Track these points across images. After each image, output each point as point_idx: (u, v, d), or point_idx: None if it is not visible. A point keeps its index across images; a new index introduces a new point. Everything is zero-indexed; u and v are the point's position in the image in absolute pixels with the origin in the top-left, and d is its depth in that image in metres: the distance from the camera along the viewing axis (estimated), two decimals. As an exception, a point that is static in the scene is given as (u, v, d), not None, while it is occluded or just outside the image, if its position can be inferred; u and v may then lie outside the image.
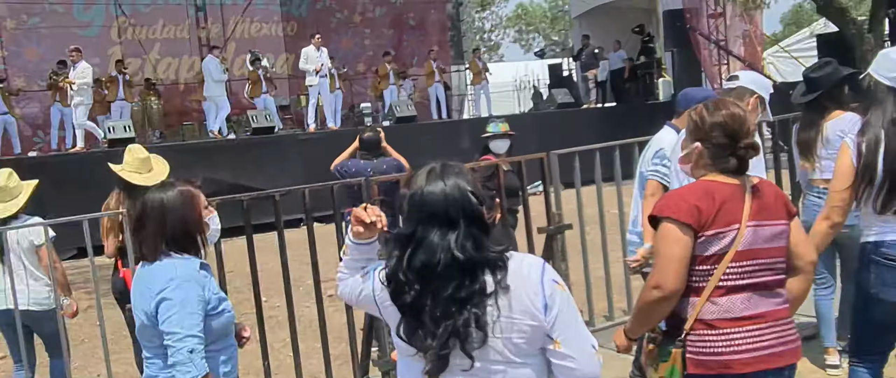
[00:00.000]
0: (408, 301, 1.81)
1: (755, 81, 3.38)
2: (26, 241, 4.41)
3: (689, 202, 2.31)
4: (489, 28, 46.91)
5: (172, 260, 2.49)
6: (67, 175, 10.65)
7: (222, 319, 2.55)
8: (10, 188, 4.39)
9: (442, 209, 1.80)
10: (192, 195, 2.58)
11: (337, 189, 4.56)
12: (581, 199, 5.35)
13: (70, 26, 16.17)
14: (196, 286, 2.45)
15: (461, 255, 1.77)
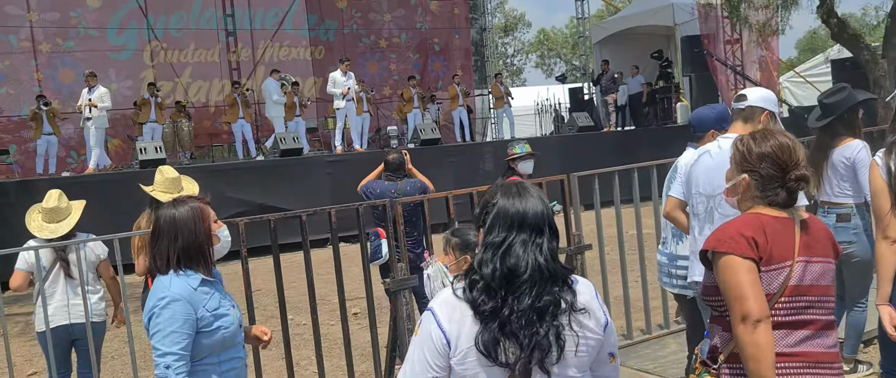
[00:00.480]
0: (490, 307, 1.88)
1: (763, 98, 3.41)
2: (93, 255, 4.62)
3: (746, 235, 2.20)
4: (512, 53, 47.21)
5: (170, 277, 2.62)
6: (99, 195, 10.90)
7: (215, 337, 2.64)
8: (62, 208, 4.57)
9: (533, 220, 1.93)
10: (202, 210, 2.73)
11: (362, 210, 4.65)
12: (600, 220, 5.44)
13: (104, 50, 16.60)
14: (185, 306, 2.56)
15: (542, 262, 1.89)
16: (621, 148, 14.88)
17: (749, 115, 3.36)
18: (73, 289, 4.49)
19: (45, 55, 16.05)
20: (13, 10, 15.77)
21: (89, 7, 16.44)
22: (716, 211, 3.32)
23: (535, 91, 22.56)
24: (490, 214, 1.96)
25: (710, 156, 3.39)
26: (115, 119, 16.12)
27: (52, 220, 4.53)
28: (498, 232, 1.93)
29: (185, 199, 2.76)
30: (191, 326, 2.57)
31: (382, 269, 5.57)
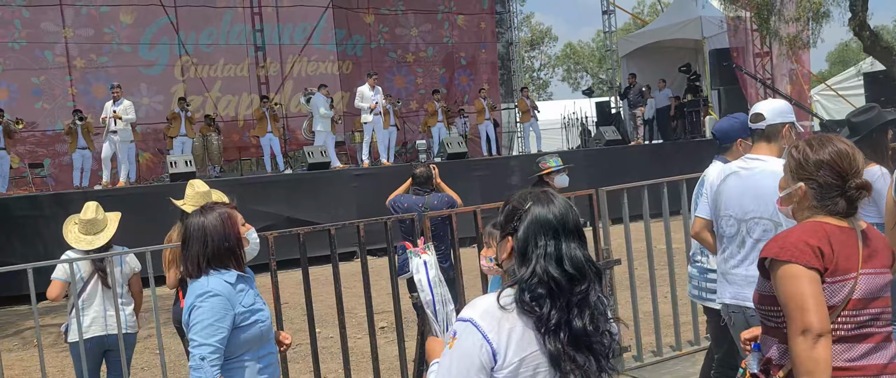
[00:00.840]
0: (557, 318, 1.84)
1: (780, 112, 3.35)
2: (128, 268, 4.70)
3: (812, 244, 2.12)
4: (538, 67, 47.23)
5: (208, 277, 2.72)
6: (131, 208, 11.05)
7: (253, 331, 2.74)
8: (99, 220, 4.64)
9: (574, 225, 1.92)
10: (230, 215, 2.82)
11: (390, 224, 4.67)
12: (629, 234, 5.40)
13: (136, 65, 16.91)
14: (223, 301, 2.67)
15: (593, 263, 1.91)
16: (649, 162, 14.78)
17: (771, 133, 3.32)
18: (109, 300, 4.54)
19: (80, 71, 16.38)
20: (49, 26, 16.13)
21: (122, 23, 16.77)
22: (748, 237, 3.27)
23: (562, 105, 22.53)
24: (523, 222, 1.92)
25: (739, 177, 3.33)
26: (146, 133, 16.40)
27: (89, 232, 4.60)
28: (544, 240, 1.88)
29: (213, 205, 2.86)
30: (228, 321, 2.66)
31: (410, 283, 5.56)
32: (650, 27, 22.46)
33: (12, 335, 8.65)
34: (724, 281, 3.40)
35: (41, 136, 15.94)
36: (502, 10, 22.14)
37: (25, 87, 15.92)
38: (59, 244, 4.70)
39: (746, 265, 3.27)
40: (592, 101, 20.91)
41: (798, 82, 17.62)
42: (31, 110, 15.78)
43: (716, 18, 18.02)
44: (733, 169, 3.39)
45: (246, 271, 2.85)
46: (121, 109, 12.47)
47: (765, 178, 3.20)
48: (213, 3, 17.56)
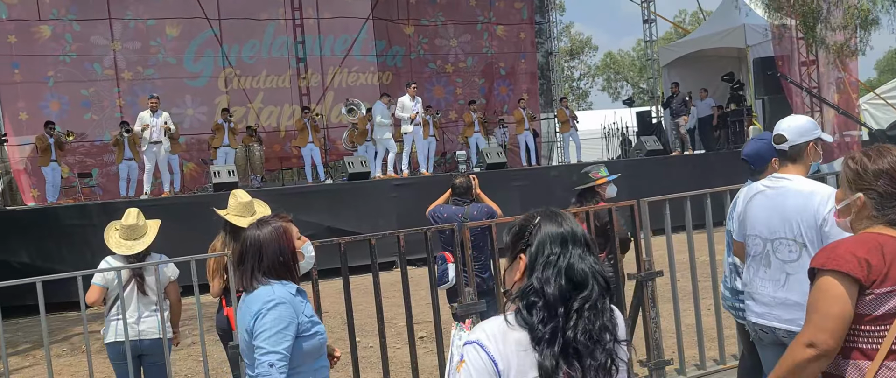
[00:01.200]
0: (551, 328, 1.83)
1: (802, 131, 3.29)
2: (164, 276, 4.76)
3: (859, 255, 2.11)
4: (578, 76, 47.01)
5: (271, 286, 2.72)
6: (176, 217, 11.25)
7: (314, 342, 2.75)
8: (139, 226, 4.73)
9: (581, 236, 1.92)
10: (286, 229, 2.82)
11: (430, 234, 4.67)
12: (671, 245, 5.32)
13: (181, 77, 17.26)
14: (289, 309, 2.68)
15: (600, 272, 1.89)
16: (691, 172, 14.59)
17: (797, 153, 3.28)
18: (145, 306, 4.62)
19: (127, 82, 16.77)
20: (99, 40, 16.57)
21: (168, 36, 17.14)
22: (774, 255, 3.23)
23: (602, 114, 22.36)
24: (534, 237, 1.92)
25: (765, 196, 3.29)
26: (190, 143, 16.72)
27: (129, 237, 4.69)
28: (551, 248, 1.89)
29: (269, 218, 2.86)
30: (294, 329, 2.67)
31: (450, 294, 5.57)
32: (692, 36, 22.20)
33: (61, 341, 8.86)
34: (752, 300, 3.35)
35: (90, 146, 16.35)
36: (542, 20, 22.11)
37: (75, 98, 16.36)
38: (105, 252, 4.81)
39: (774, 286, 3.23)
40: (633, 111, 20.71)
41: (845, 91, 17.23)
42: (80, 121, 16.21)
43: (760, 26, 17.74)
44: (760, 188, 3.34)
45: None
46: (161, 120, 12.72)
47: (789, 197, 3.17)
48: (256, 16, 17.86)
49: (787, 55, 16.98)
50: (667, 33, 38.98)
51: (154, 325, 4.65)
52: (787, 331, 3.15)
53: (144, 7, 16.93)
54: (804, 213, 3.10)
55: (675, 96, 17.61)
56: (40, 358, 7.87)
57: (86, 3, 16.39)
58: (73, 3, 16.30)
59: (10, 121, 15.76)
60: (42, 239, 10.98)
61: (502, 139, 17.54)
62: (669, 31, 39.09)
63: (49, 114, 15.61)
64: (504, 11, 21.01)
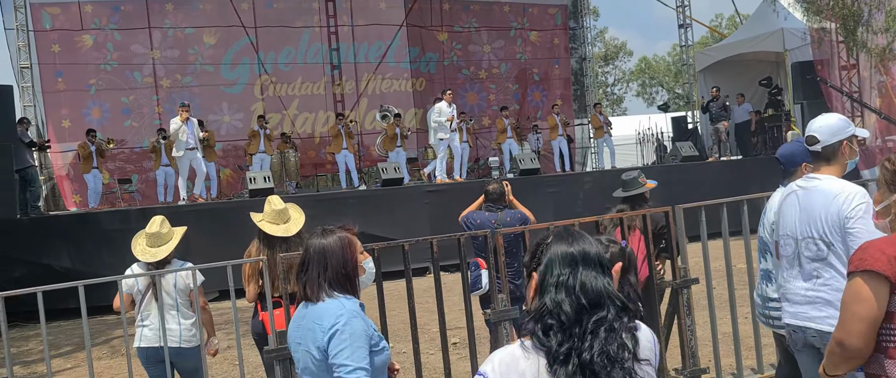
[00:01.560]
0: (567, 349, 1.81)
1: (834, 131, 3.24)
2: (183, 283, 4.77)
3: (888, 254, 2.15)
4: (612, 82, 46.71)
5: (338, 299, 2.64)
6: (213, 222, 11.42)
7: (383, 356, 2.67)
8: (163, 234, 4.78)
9: (595, 257, 1.88)
10: (350, 241, 2.75)
11: (463, 240, 4.67)
12: (708, 253, 5.26)
13: (218, 84, 17.53)
14: (362, 322, 2.60)
15: (614, 292, 1.86)
16: (728, 178, 14.40)
17: (830, 154, 3.25)
18: (167, 312, 4.67)
19: (165, 90, 17.08)
20: (139, 48, 16.92)
21: (206, 44, 17.43)
22: (803, 255, 3.23)
23: (637, 120, 22.19)
24: (544, 256, 1.91)
25: (797, 196, 3.29)
26: (227, 150, 16.96)
27: (153, 245, 4.75)
28: (560, 268, 1.87)
29: (334, 228, 2.77)
30: (368, 343, 2.59)
31: (482, 300, 5.56)
32: (729, 40, 21.92)
33: (102, 344, 9.03)
34: (785, 300, 3.35)
35: (130, 153, 16.68)
36: (576, 25, 22.03)
37: (116, 106, 16.71)
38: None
39: (804, 285, 3.22)
40: (668, 116, 20.51)
41: (888, 95, 16.85)
42: (120, 128, 16.55)
43: (799, 30, 17.44)
44: (794, 188, 3.34)
45: None
46: (195, 128, 12.89)
47: (817, 197, 3.16)
48: (291, 24, 18.08)
49: (826, 59, 16.66)
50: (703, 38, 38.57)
51: (176, 332, 4.68)
52: (816, 330, 3.15)
53: (183, 16, 17.25)
54: (828, 212, 3.10)
55: (716, 101, 17.35)
56: (82, 360, 8.04)
57: (126, 13, 16.76)
58: (114, 13, 16.68)
59: (54, 128, 16.15)
60: (83, 244, 11.22)
61: (536, 145, 17.50)
62: (705, 35, 38.68)
63: (90, 121, 15.97)
64: (538, 17, 20.98)
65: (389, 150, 14.99)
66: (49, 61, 16.21)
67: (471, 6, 20.12)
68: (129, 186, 15.86)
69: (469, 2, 20.08)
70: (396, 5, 19.07)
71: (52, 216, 13.00)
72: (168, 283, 4.71)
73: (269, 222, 4.93)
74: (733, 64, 19.77)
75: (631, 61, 47.95)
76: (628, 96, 48.84)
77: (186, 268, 4.71)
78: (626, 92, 48.26)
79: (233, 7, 17.21)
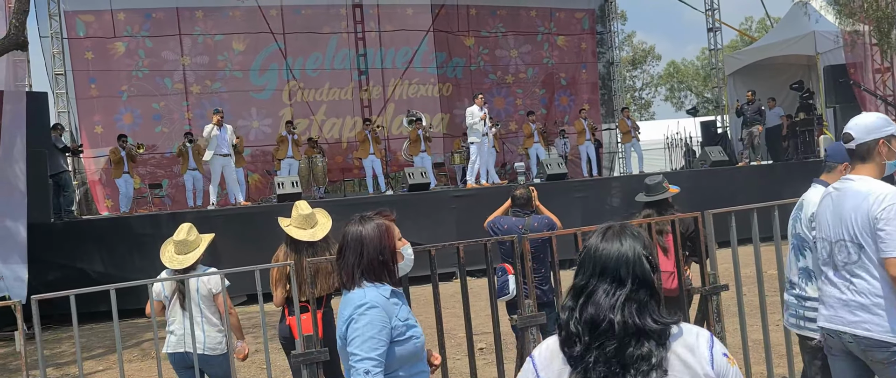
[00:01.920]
0: (576, 353, 1.81)
1: (869, 129, 3.17)
2: (205, 289, 4.79)
3: None
4: (640, 86, 46.38)
5: (364, 289, 2.65)
6: (241, 226, 11.53)
7: (408, 346, 2.65)
8: (190, 241, 4.84)
9: (614, 266, 1.83)
10: (388, 227, 2.76)
11: (490, 245, 4.66)
12: (738, 259, 5.19)
13: (247, 90, 17.72)
14: (381, 312, 2.58)
15: (620, 319, 1.78)
16: (758, 184, 14.23)
17: (865, 152, 3.17)
18: (192, 319, 4.71)
19: (195, 96, 17.30)
20: (169, 55, 17.16)
21: (235, 51, 17.63)
22: (837, 257, 3.18)
23: (665, 125, 22.00)
24: (580, 254, 1.92)
25: (831, 199, 3.24)
26: (255, 155, 17.11)
27: (180, 252, 4.81)
28: (582, 275, 1.87)
29: (372, 215, 2.78)
30: (387, 334, 2.58)
31: (509, 306, 5.55)
32: (759, 43, 21.67)
33: (133, 346, 9.15)
34: (821, 304, 3.30)
35: (160, 158, 16.92)
36: (603, 29, 21.93)
37: (147, 112, 16.96)
38: (172, 261, 4.95)
39: (839, 289, 3.17)
40: (697, 121, 20.31)
41: (923, 98, 16.55)
42: (151, 134, 16.79)
43: (831, 33, 17.19)
44: (830, 190, 3.29)
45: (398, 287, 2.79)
46: (229, 134, 13.02)
47: (848, 198, 3.11)
48: (319, 30, 18.22)
49: (859, 62, 16.40)
50: (732, 41, 38.16)
51: (200, 339, 4.70)
52: (851, 335, 3.09)
53: (212, 23, 17.46)
54: (858, 214, 3.05)
55: (750, 104, 17.13)
56: (113, 362, 8.15)
57: (158, 20, 17.01)
58: (145, 21, 16.94)
59: (87, 133, 16.43)
60: (115, 247, 11.39)
61: (563, 150, 17.43)
62: (735, 39, 38.27)
63: (122, 127, 16.22)
64: (565, 22, 20.92)
65: (414, 154, 15.03)
66: (82, 68, 16.51)
67: (498, 11, 20.12)
68: (160, 191, 16.07)
69: (496, 7, 20.08)
70: (423, 11, 19.13)
71: (84, 220, 13.22)
72: (192, 290, 4.75)
73: (296, 227, 4.96)
74: (763, 68, 19.54)
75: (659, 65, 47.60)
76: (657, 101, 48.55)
77: (209, 272, 4.75)
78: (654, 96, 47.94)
79: (261, 14, 17.39)
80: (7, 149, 10.47)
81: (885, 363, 3.02)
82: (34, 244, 10.49)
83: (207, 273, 4.73)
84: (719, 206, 5.16)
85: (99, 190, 16.34)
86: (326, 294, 5.06)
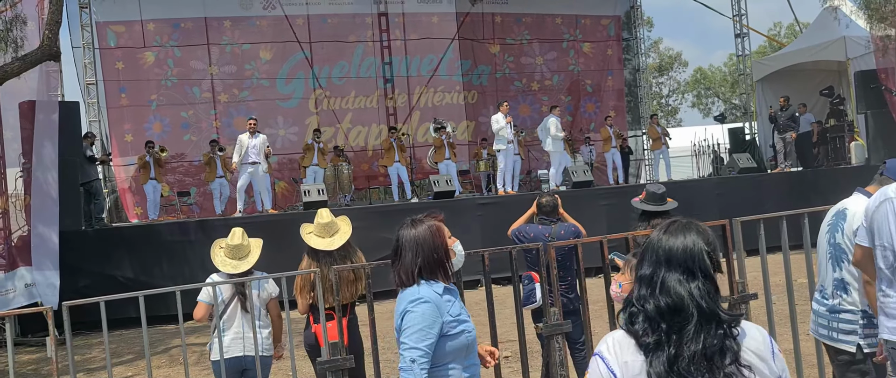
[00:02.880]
0: (653, 340, 1.84)
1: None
2: (265, 293, 4.91)
3: None
4: (667, 93, 46.04)
5: (420, 285, 2.81)
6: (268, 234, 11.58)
7: (460, 340, 2.80)
8: (244, 246, 4.90)
9: (680, 258, 1.89)
10: (438, 227, 2.93)
11: (515, 253, 4.65)
12: (767, 267, 5.12)
13: (273, 98, 17.88)
14: (432, 308, 2.74)
15: (696, 303, 1.83)
16: (788, 191, 14.04)
17: None
18: (248, 322, 4.76)
19: (223, 105, 17.49)
20: (197, 64, 17.38)
21: (262, 60, 17.81)
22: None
23: (692, 131, 21.81)
24: (646, 244, 1.96)
25: (891, 205, 3.13)
26: (282, 163, 17.24)
27: (234, 257, 4.86)
28: (647, 265, 1.91)
29: (423, 218, 2.95)
30: (437, 328, 2.73)
31: (534, 314, 5.52)
32: (788, 49, 21.41)
33: (161, 353, 9.24)
34: (884, 314, 3.18)
35: (188, 166, 17.11)
36: (629, 36, 21.82)
37: (176, 121, 17.18)
38: (203, 267, 5.00)
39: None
40: (725, 127, 20.10)
41: (956, 104, 16.23)
42: (180, 143, 17.00)
43: (862, 38, 16.94)
44: (889, 194, 3.18)
45: (451, 284, 2.93)
46: (259, 142, 13.14)
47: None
48: (345, 38, 18.34)
49: (891, 68, 16.13)
50: (760, 47, 37.78)
51: (259, 341, 4.75)
52: None
53: (240, 32, 17.66)
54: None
55: (785, 109, 16.89)
56: (142, 368, 8.24)
57: (186, 30, 17.24)
58: (174, 31, 17.17)
59: (117, 142, 16.67)
60: (144, 254, 11.52)
61: (589, 157, 17.33)
62: (763, 44, 37.87)
63: (152, 135, 16.43)
64: (590, 28, 20.86)
65: (439, 161, 15.06)
66: (113, 78, 16.77)
67: (523, 18, 20.11)
68: (188, 199, 16.24)
69: (521, 14, 20.08)
70: (448, 19, 19.18)
71: (114, 228, 13.39)
72: (253, 294, 4.81)
73: (316, 235, 5.00)
74: (792, 73, 19.29)
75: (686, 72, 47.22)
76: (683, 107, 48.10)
77: (262, 276, 4.81)
78: (681, 103, 47.55)
79: (288, 23, 17.54)
80: (40, 157, 10.66)
81: None
82: (66, 251, 10.65)
83: (266, 276, 4.80)
84: (748, 213, 5.10)
85: (129, 198, 16.57)
86: (350, 301, 5.08)
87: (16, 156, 10.83)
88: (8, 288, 9.96)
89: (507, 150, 13.98)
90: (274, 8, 17.65)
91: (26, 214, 10.55)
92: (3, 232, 10.43)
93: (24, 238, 10.51)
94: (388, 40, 18.72)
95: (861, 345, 3.52)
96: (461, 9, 19.21)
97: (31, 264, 10.26)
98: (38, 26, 10.51)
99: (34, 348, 10.27)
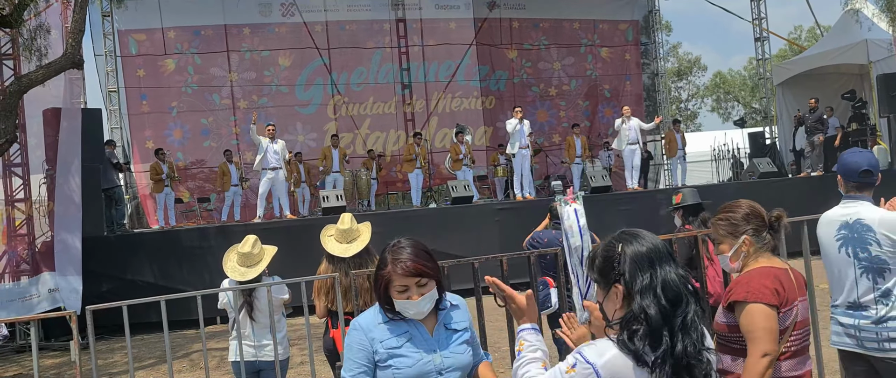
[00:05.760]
0: (659, 355, 1.89)
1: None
2: (277, 299, 4.94)
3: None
4: (686, 97, 45.76)
5: (371, 309, 2.74)
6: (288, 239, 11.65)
7: (386, 373, 2.55)
8: (254, 254, 4.93)
9: (659, 254, 1.98)
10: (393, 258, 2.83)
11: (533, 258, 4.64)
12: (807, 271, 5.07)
13: (292, 105, 17.99)
14: (359, 335, 2.58)
15: (689, 285, 1.95)
16: (809, 195, 13.91)
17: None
18: (261, 328, 4.79)
19: (242, 111, 17.62)
20: (217, 71, 17.53)
21: (281, 66, 17.93)
22: None
23: (712, 136, 21.68)
24: (625, 265, 1.97)
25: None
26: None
27: (244, 264, 4.90)
28: (644, 274, 1.94)
29: (392, 244, 2.79)
30: (364, 357, 2.55)
31: (551, 319, 5.51)
32: (809, 52, 21.22)
33: (182, 357, 9.31)
34: None
35: (209, 172, 17.24)
36: (647, 41, 21.74)
37: (196, 127, 17.32)
38: (222, 273, 5.04)
39: None
40: (744, 132, 19.96)
41: (981, 107, 16.01)
42: (200, 149, 17.14)
43: (884, 41, 16.76)
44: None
45: (440, 316, 2.76)
46: (279, 148, 13.21)
47: None
48: (363, 45, 18.43)
49: (914, 70, 15.97)
50: (780, 51, 37.48)
51: (270, 347, 4.80)
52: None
53: (259, 39, 17.80)
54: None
55: (813, 112, 16.71)
56: (164, 373, 8.31)
57: (206, 37, 17.40)
58: (194, 38, 17.34)
59: (138, 148, 16.84)
60: (165, 260, 11.63)
61: (607, 162, 17.27)
62: (783, 48, 37.57)
63: (172, 142, 16.59)
64: (608, 33, 20.81)
65: (456, 168, 15.07)
66: (134, 85, 16.96)
67: (540, 24, 20.10)
68: (208, 205, 16.36)
69: (538, 19, 20.07)
70: (466, 25, 19.22)
71: (136, 233, 13.52)
72: (261, 301, 4.85)
73: (335, 240, 5.01)
74: (813, 77, 19.11)
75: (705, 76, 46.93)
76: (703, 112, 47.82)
77: (275, 282, 4.84)
78: (700, 108, 47.25)
79: (307, 29, 17.66)
80: (64, 164, 10.80)
81: None
82: (88, 256, 10.77)
83: (273, 283, 4.82)
84: (768, 218, 5.06)
85: (149, 204, 16.70)
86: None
87: (39, 162, 10.98)
88: (32, 293, 10.09)
89: (521, 155, 13.96)
90: (292, 15, 17.77)
91: (50, 220, 10.70)
92: (28, 237, 10.57)
93: (48, 243, 10.65)
94: (406, 46, 18.78)
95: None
96: (479, 14, 19.24)
97: (55, 269, 10.40)
98: (61, 35, 10.66)
99: (57, 352, 10.39)
